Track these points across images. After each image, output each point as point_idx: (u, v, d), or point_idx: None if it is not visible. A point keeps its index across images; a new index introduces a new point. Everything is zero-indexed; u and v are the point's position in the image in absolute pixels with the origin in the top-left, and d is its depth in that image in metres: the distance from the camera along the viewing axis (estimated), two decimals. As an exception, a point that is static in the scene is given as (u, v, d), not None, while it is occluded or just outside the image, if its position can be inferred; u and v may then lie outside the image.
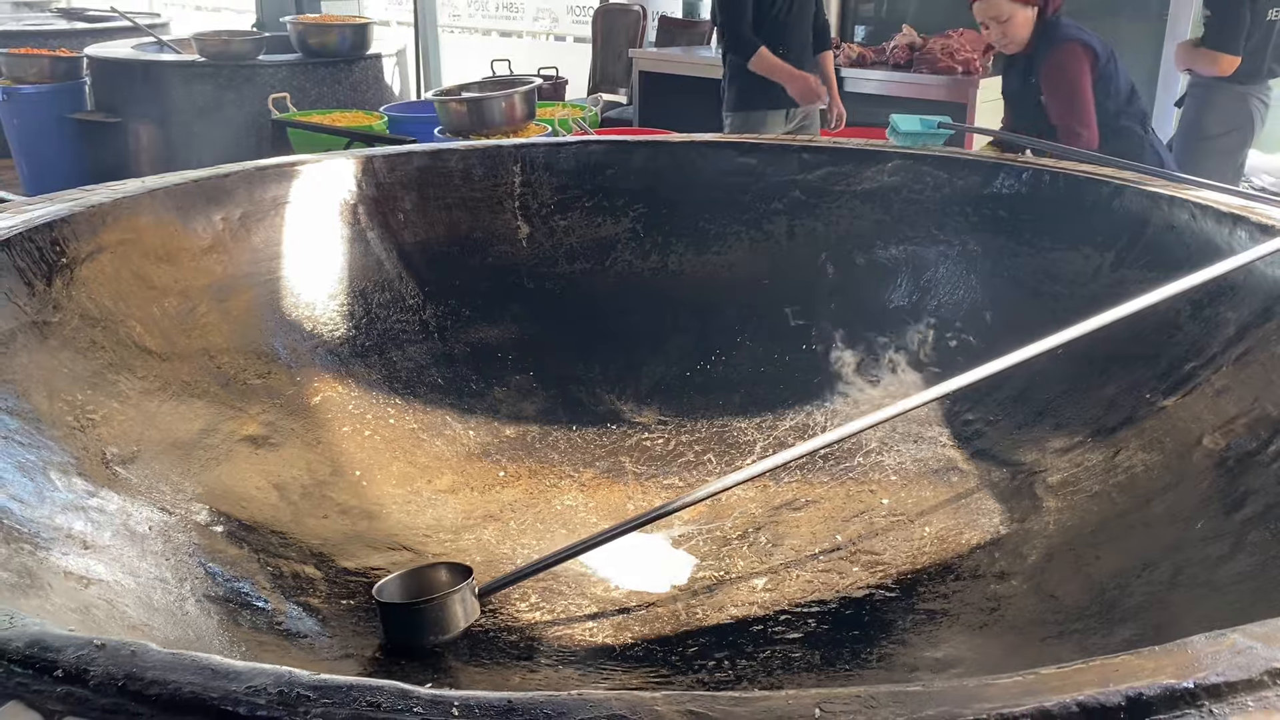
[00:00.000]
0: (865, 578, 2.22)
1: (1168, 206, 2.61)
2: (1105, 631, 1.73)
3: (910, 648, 1.96)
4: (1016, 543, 2.21)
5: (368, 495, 2.45)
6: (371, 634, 1.93)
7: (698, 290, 3.20)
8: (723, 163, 3.30)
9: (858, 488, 2.58)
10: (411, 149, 3.33)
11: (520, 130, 4.70)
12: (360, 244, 3.00)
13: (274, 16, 7.79)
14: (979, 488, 2.47)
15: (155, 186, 2.66)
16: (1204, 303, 2.33)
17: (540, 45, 10.44)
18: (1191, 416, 2.21)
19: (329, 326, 2.83)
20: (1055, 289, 2.75)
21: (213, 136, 5.90)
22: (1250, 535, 1.75)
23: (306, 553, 2.15)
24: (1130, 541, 1.99)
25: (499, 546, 2.36)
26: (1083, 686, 0.90)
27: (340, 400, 2.69)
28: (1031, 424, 2.55)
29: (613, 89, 7.55)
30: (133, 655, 0.93)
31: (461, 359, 2.99)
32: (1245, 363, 2.19)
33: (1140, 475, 2.19)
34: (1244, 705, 0.91)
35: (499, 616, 2.08)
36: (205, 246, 2.66)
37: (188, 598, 1.82)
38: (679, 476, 2.69)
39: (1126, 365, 2.41)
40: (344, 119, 5.57)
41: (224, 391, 2.46)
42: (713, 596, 2.20)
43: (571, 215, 3.27)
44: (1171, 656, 0.95)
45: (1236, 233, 2.40)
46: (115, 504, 1.95)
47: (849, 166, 3.19)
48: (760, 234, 3.25)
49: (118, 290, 2.39)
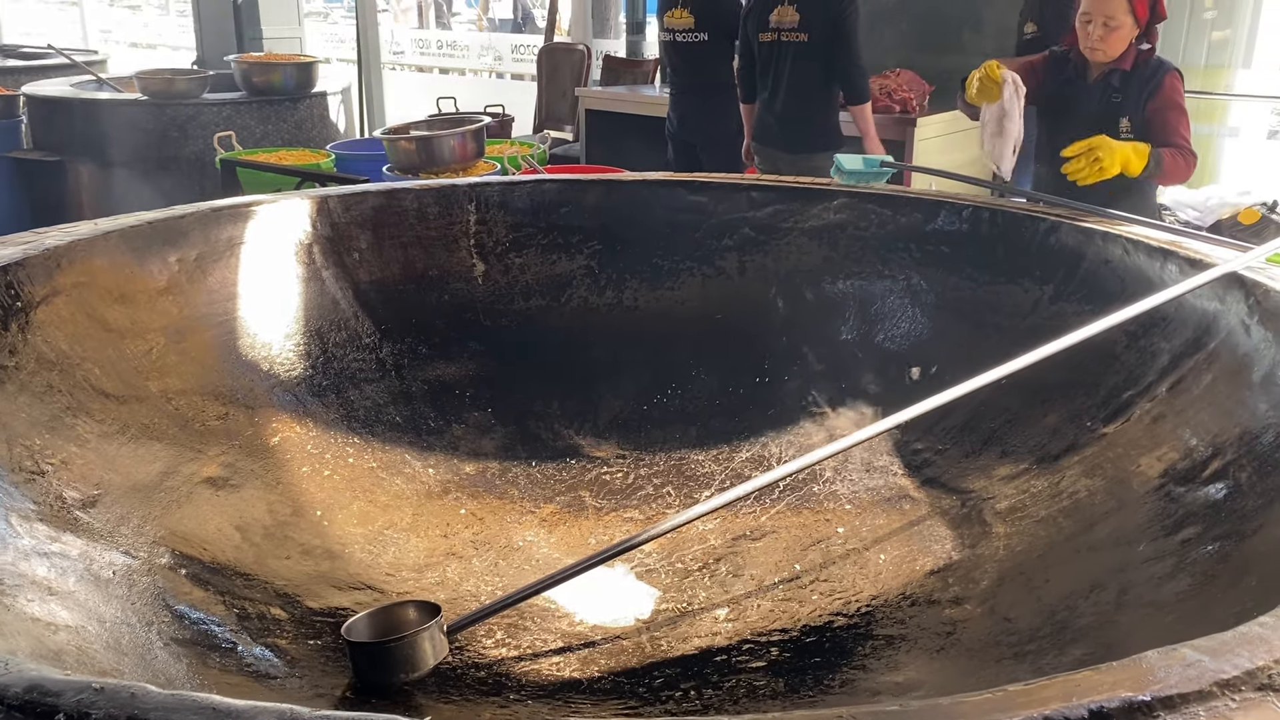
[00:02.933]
0: (824, 605, 2.27)
1: (1102, 241, 2.73)
2: (1058, 651, 1.80)
3: (871, 673, 2.02)
4: (969, 568, 2.29)
5: (330, 535, 2.45)
6: (340, 673, 1.93)
7: (653, 325, 3.26)
8: (675, 201, 3.38)
9: (814, 517, 2.64)
10: (366, 188, 3.36)
11: (470, 168, 4.74)
12: (316, 283, 3.01)
13: (215, 55, 7.77)
14: (930, 515, 2.54)
15: (109, 228, 2.65)
16: (1139, 334, 2.44)
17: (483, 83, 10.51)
18: (1130, 443, 2.31)
19: (286, 366, 2.84)
20: (997, 321, 2.86)
21: (157, 176, 5.85)
22: (1190, 555, 1.84)
23: (271, 594, 2.14)
24: (1077, 564, 2.07)
25: (463, 584, 2.37)
26: (1048, 702, 0.96)
27: (299, 440, 2.70)
28: (978, 452, 2.64)
29: (558, 126, 7.64)
30: (133, 697, 0.95)
31: (419, 397, 3.00)
32: (1179, 391, 2.30)
33: (1084, 500, 2.28)
34: (1195, 715, 0.97)
35: (466, 653, 2.09)
36: (161, 288, 2.66)
37: (155, 641, 1.82)
38: (639, 509, 2.73)
39: (1067, 394, 2.51)
40: (290, 157, 5.57)
41: (183, 433, 2.46)
42: (676, 628, 2.24)
43: (527, 253, 3.32)
44: (1128, 671, 1.01)
45: (1167, 266, 2.52)
46: (78, 549, 1.94)
47: (796, 204, 3.28)
48: (712, 269, 3.32)
49: (74, 333, 2.38)
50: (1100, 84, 3.01)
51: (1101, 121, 3.01)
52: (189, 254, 2.75)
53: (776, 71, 4.63)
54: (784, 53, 4.57)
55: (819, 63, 4.51)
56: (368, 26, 8.22)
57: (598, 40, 8.43)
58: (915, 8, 6.20)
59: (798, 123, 4.62)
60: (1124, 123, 3.01)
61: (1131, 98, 2.99)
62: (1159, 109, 2.97)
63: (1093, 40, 2.98)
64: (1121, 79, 2.98)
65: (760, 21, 4.67)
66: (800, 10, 4.53)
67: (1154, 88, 2.96)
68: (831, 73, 4.51)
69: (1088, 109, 3.04)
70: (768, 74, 4.67)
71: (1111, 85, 2.99)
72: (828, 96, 4.58)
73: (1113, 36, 2.95)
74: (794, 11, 4.55)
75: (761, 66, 4.69)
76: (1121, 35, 2.94)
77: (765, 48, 4.65)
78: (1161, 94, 2.97)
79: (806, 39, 4.52)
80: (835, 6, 4.46)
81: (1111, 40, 2.95)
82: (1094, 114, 3.03)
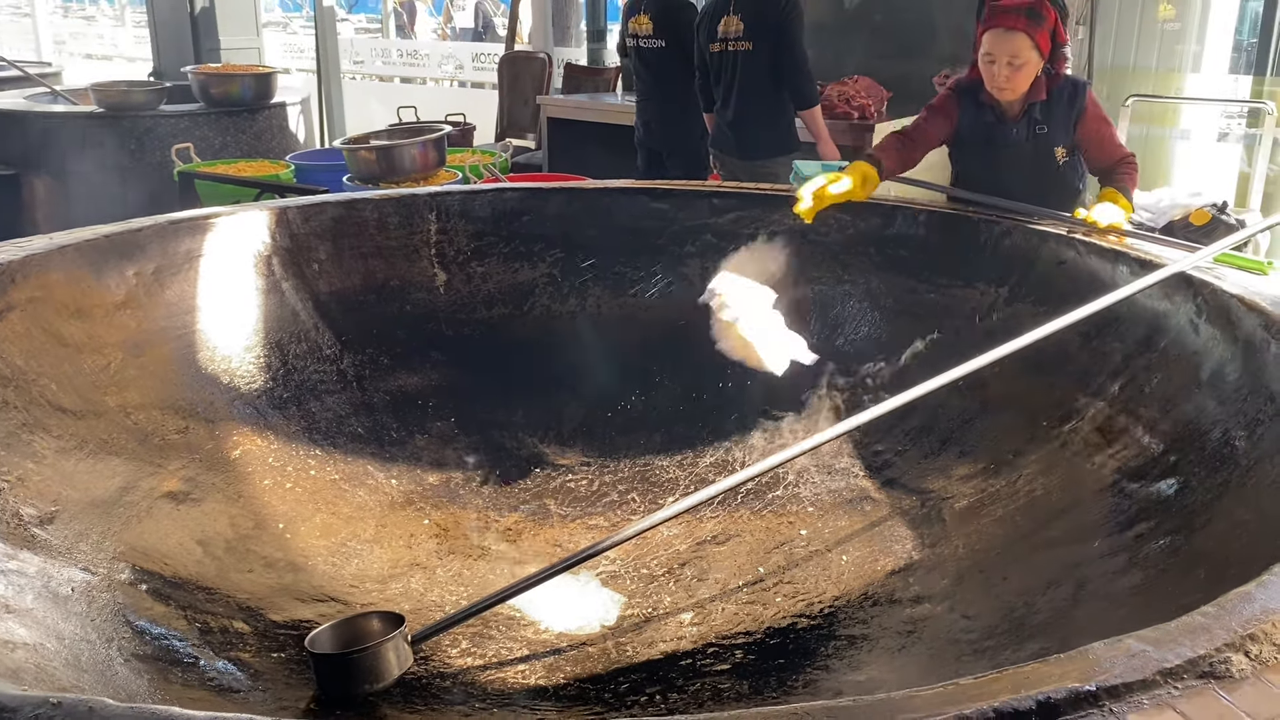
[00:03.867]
0: (788, 607, 2.29)
1: (1055, 244, 2.78)
2: (1016, 647, 1.83)
3: (834, 673, 2.04)
4: (929, 567, 2.32)
5: (292, 547, 2.44)
6: (304, 686, 1.93)
7: (616, 332, 3.27)
8: (637, 208, 3.40)
9: (777, 520, 2.66)
10: (325, 199, 3.34)
11: (431, 177, 4.72)
12: (275, 295, 3.00)
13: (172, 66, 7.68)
14: (891, 515, 2.57)
15: (65, 242, 2.62)
16: (1092, 334, 2.48)
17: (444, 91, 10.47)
18: (1084, 441, 2.35)
19: (246, 379, 2.82)
20: (955, 323, 2.90)
21: (113, 189, 5.77)
22: (1143, 550, 1.88)
23: (234, 607, 2.13)
24: (1034, 561, 2.11)
25: (427, 594, 2.37)
26: (998, 694, 0.98)
27: (260, 453, 2.68)
28: (937, 453, 2.68)
29: (520, 134, 7.63)
30: (90, 712, 0.95)
31: (381, 408, 3.00)
32: (1130, 390, 2.35)
33: (1040, 498, 2.32)
34: (1139, 704, 1.00)
35: (431, 663, 2.09)
36: (119, 302, 2.64)
37: (115, 658, 1.80)
38: (604, 516, 2.74)
39: (1024, 395, 2.55)
40: (250, 168, 5.52)
41: (142, 448, 2.44)
42: (642, 633, 2.25)
43: (489, 262, 3.32)
44: (1075, 662, 1.04)
45: (1119, 267, 2.57)
46: (35, 566, 1.92)
47: (757, 210, 3.31)
48: (675, 276, 3.34)
49: (29, 348, 2.35)
50: (1024, 121, 2.97)
51: (1035, 157, 2.98)
52: (147, 267, 2.73)
53: (727, 80, 4.68)
54: (733, 61, 4.62)
55: (766, 70, 4.56)
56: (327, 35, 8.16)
57: (559, 48, 8.43)
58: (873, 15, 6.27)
59: (750, 129, 4.66)
60: (1059, 152, 2.98)
61: (1057, 124, 2.96)
62: (1090, 130, 2.94)
63: (999, 80, 2.88)
64: (1042, 110, 2.94)
65: (710, 32, 4.72)
66: (744, 20, 4.58)
67: (1079, 110, 2.94)
68: (780, 79, 4.56)
69: (1018, 148, 2.98)
70: (719, 83, 4.71)
71: (1034, 119, 2.95)
72: (778, 102, 4.62)
73: (1019, 75, 2.86)
74: (738, 21, 4.60)
75: (714, 76, 4.74)
76: (1027, 73, 2.87)
77: (715, 57, 4.70)
78: (1087, 115, 2.94)
79: (751, 47, 4.57)
80: (776, 14, 4.51)
81: (1018, 79, 2.87)
82: (1025, 151, 2.99)
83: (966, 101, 3.05)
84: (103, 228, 2.76)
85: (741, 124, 4.69)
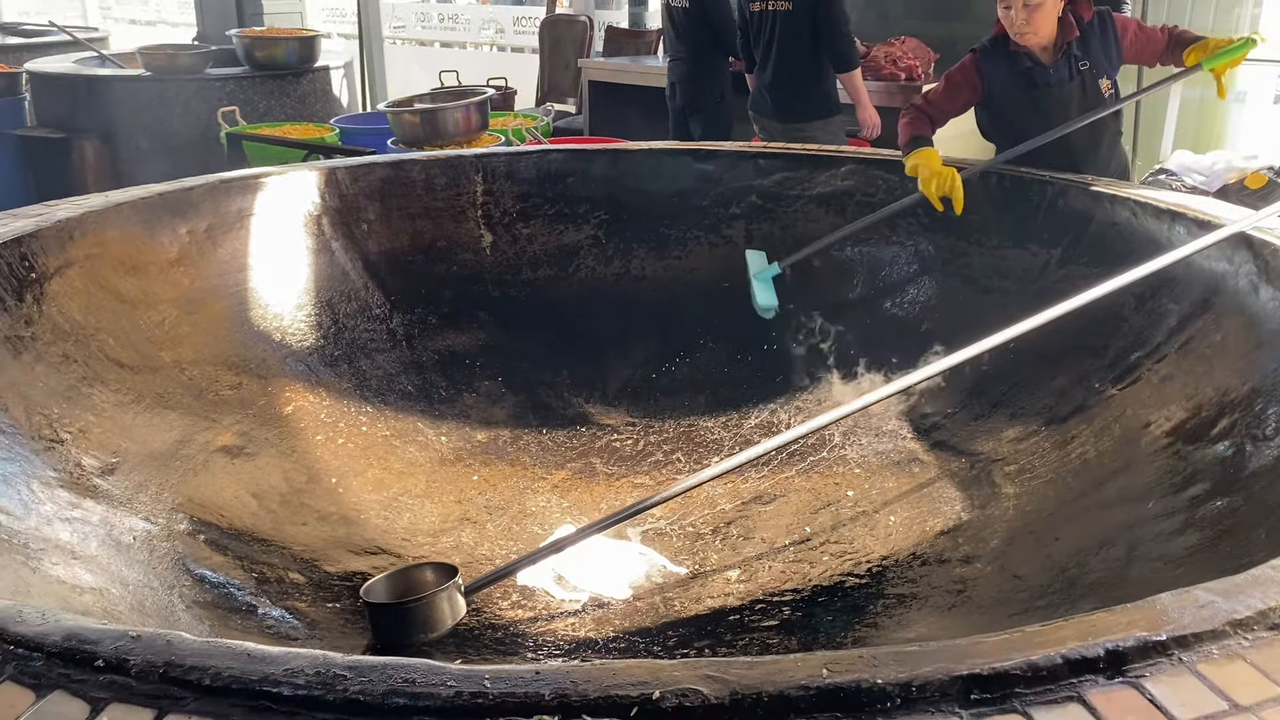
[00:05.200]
0: (835, 566, 2.29)
1: (1109, 205, 2.73)
2: (1068, 607, 1.82)
3: (882, 630, 2.04)
4: (978, 528, 2.31)
5: (345, 501, 2.47)
6: (359, 635, 1.96)
7: (660, 294, 3.27)
8: (681, 170, 3.38)
9: (823, 481, 2.66)
10: (373, 160, 3.36)
11: (474, 141, 4.73)
12: (325, 254, 3.02)
13: (216, 30, 7.72)
14: (940, 477, 2.56)
15: (120, 200, 2.66)
16: (1147, 296, 2.44)
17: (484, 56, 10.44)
18: (1139, 403, 2.32)
19: (298, 337, 2.85)
20: (1005, 285, 2.87)
21: (161, 151, 5.83)
22: (1200, 511, 1.86)
23: (289, 558, 2.17)
24: (1086, 522, 2.09)
25: (477, 548, 2.40)
26: (1065, 641, 0.98)
27: (312, 409, 2.72)
28: (987, 415, 2.66)
29: (561, 99, 7.60)
30: (169, 644, 0.97)
31: (430, 366, 3.02)
32: (1187, 351, 2.31)
33: (1093, 460, 2.30)
34: (1209, 654, 0.99)
35: (482, 615, 2.12)
36: (172, 259, 2.67)
37: (177, 604, 1.84)
38: (649, 475, 2.75)
39: (1075, 357, 2.53)
40: (294, 131, 5.55)
41: (197, 403, 2.48)
42: (688, 590, 2.26)
43: (534, 223, 3.33)
44: (1142, 612, 1.04)
45: (1175, 228, 2.52)
46: (98, 515, 1.96)
47: (804, 171, 3.29)
48: (719, 238, 3.33)
49: (88, 304, 2.40)
50: (1063, 61, 2.89)
51: (1084, 93, 2.92)
52: (199, 225, 2.77)
53: (766, 41, 4.62)
54: (771, 21, 4.56)
55: (805, 30, 4.48)
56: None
57: (599, 11, 8.37)
58: (920, -25, 6.18)
59: (787, 92, 4.59)
60: (1104, 84, 2.90)
61: (1097, 56, 2.87)
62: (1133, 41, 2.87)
63: (1018, 25, 2.79)
64: (1080, 45, 2.86)
65: None
66: None
67: (1114, 34, 2.87)
68: (819, 41, 4.48)
69: (1063, 88, 2.91)
70: (759, 44, 4.65)
71: (1074, 55, 2.88)
72: (816, 64, 4.54)
73: (1037, 16, 2.77)
74: None
75: (754, 36, 4.68)
76: (1045, 11, 2.78)
77: (756, 17, 4.64)
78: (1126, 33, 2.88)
79: (790, 7, 4.48)
80: None
81: (1037, 20, 2.78)
82: (1072, 90, 2.92)
83: (994, 62, 2.96)
84: (156, 186, 2.79)
85: (779, 86, 4.63)
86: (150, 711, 0.92)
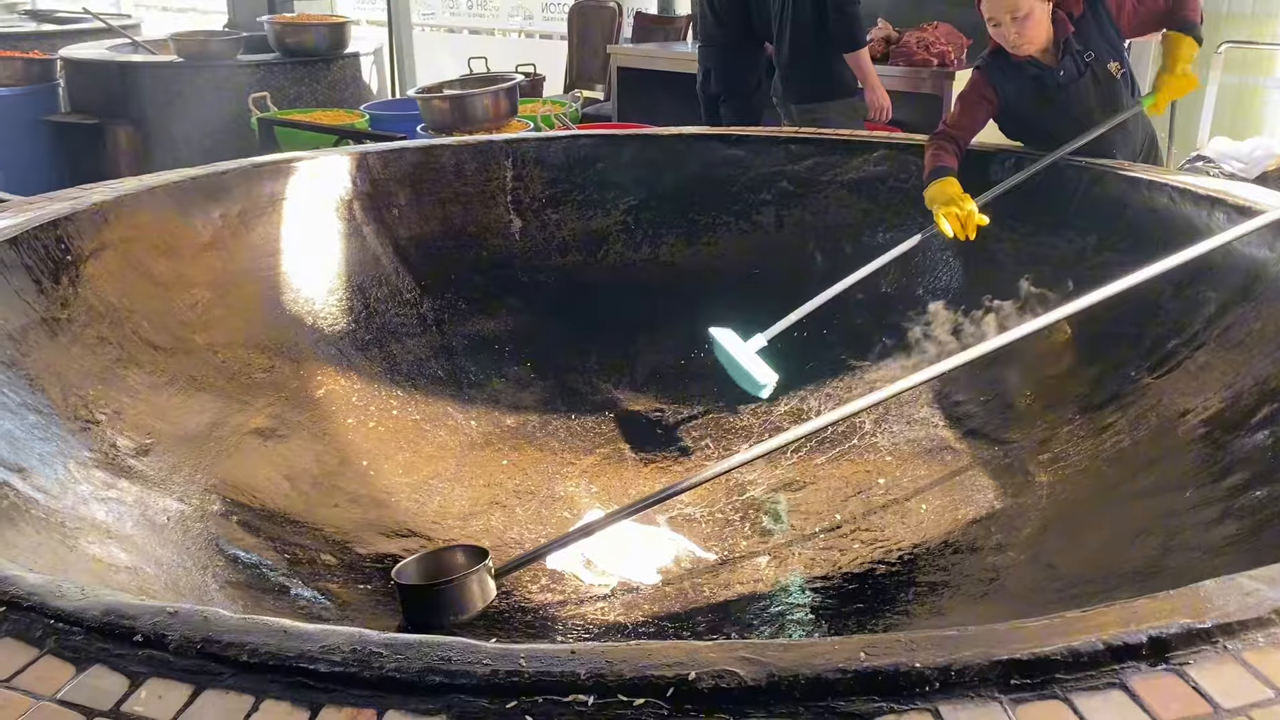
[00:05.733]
0: (866, 554, 2.28)
1: (1147, 190, 2.69)
2: (1104, 596, 1.80)
3: (914, 618, 2.03)
4: (1011, 516, 2.29)
5: (376, 484, 2.48)
6: (390, 616, 1.97)
7: (689, 280, 3.26)
8: (710, 155, 3.36)
9: (854, 468, 2.64)
10: (404, 145, 3.36)
11: (503, 127, 4.73)
12: (357, 239, 3.03)
13: (247, 16, 7.76)
14: (972, 465, 2.54)
15: (154, 184, 2.68)
16: (1185, 283, 2.41)
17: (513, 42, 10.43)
18: (1176, 392, 2.29)
19: (329, 321, 2.87)
20: (1040, 272, 2.83)
21: (192, 137, 5.89)
22: (1239, 501, 1.83)
23: (321, 540, 2.18)
24: (1122, 512, 2.07)
25: (507, 532, 2.40)
26: (1106, 627, 0.97)
27: (344, 393, 2.73)
28: (1020, 404, 2.63)
29: (590, 85, 7.58)
30: (206, 621, 0.98)
31: (460, 351, 3.03)
32: (1226, 339, 2.27)
33: (1128, 449, 2.27)
34: (1255, 641, 0.98)
35: (512, 598, 2.12)
36: (205, 242, 2.69)
37: (210, 583, 1.86)
38: (678, 461, 2.74)
39: (1111, 345, 2.49)
40: (325, 117, 5.58)
41: (230, 385, 2.50)
42: (717, 575, 2.26)
43: (563, 209, 3.32)
44: (1185, 599, 1.02)
45: (1215, 214, 2.48)
46: (133, 495, 1.98)
47: (836, 157, 3.26)
48: (749, 224, 3.31)
49: (123, 286, 2.41)
50: (1067, 59, 2.84)
51: (1096, 84, 2.87)
52: (232, 209, 2.78)
53: (780, 21, 4.58)
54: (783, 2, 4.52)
55: (815, 12, 4.43)
56: (398, -13, 8.19)
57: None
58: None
59: (797, 72, 4.54)
60: (1113, 68, 2.86)
61: (1098, 43, 2.83)
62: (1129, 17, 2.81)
63: (1012, 39, 2.74)
64: (1078, 39, 2.82)
65: None
66: None
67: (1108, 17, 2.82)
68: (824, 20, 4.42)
69: (1075, 84, 2.86)
70: (774, 25, 4.62)
71: (1075, 50, 2.84)
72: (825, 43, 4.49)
73: (1028, 26, 2.71)
74: None
75: (772, 19, 4.64)
76: (1035, 19, 2.72)
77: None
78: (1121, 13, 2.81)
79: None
80: None
81: (1029, 30, 2.72)
82: (1085, 84, 2.87)
83: (1001, 74, 2.92)
84: (189, 170, 2.81)
85: (791, 66, 4.59)
86: (188, 686, 0.93)
